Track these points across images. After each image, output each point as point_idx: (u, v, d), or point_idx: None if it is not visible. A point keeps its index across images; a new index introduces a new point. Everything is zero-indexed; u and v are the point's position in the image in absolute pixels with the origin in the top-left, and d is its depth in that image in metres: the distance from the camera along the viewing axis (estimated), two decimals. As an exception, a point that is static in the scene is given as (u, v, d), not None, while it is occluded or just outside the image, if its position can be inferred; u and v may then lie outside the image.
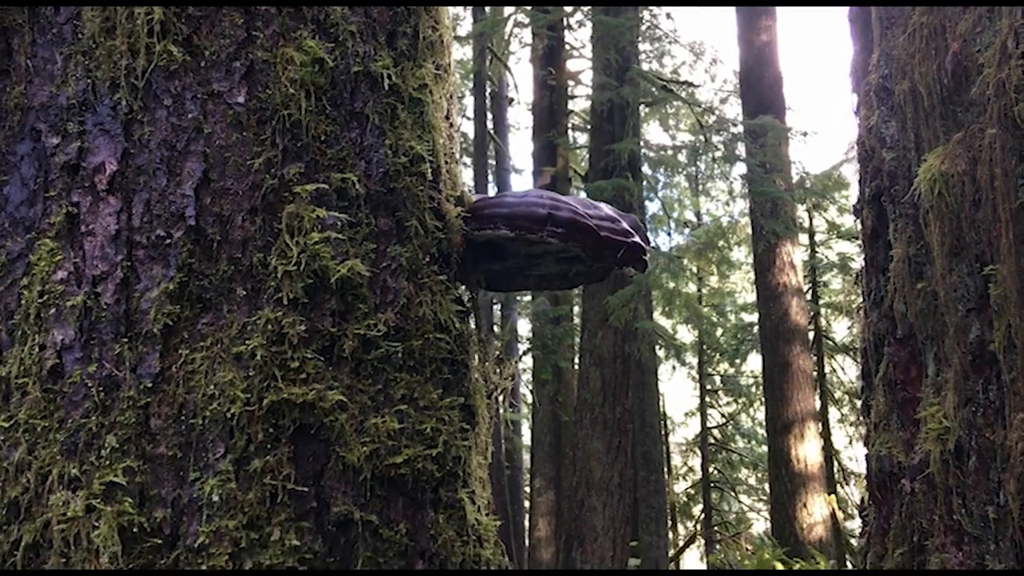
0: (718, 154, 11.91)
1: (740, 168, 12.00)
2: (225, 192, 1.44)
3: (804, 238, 14.80)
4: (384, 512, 1.42)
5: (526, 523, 13.80)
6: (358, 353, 1.46)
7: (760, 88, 13.16)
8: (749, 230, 13.73)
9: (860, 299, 2.69)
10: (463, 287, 1.78)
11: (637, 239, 1.86)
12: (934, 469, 2.17)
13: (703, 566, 13.77)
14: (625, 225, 1.87)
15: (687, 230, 14.49)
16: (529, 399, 14.48)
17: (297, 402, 1.38)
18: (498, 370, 1.79)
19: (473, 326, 1.76)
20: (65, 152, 1.40)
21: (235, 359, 1.38)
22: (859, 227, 2.72)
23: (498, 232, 1.74)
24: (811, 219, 15.18)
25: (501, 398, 1.79)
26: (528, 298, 14.47)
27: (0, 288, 1.35)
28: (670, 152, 12.60)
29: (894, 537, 2.28)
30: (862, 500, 2.65)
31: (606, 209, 1.89)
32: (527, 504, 14.18)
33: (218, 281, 1.41)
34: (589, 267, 1.98)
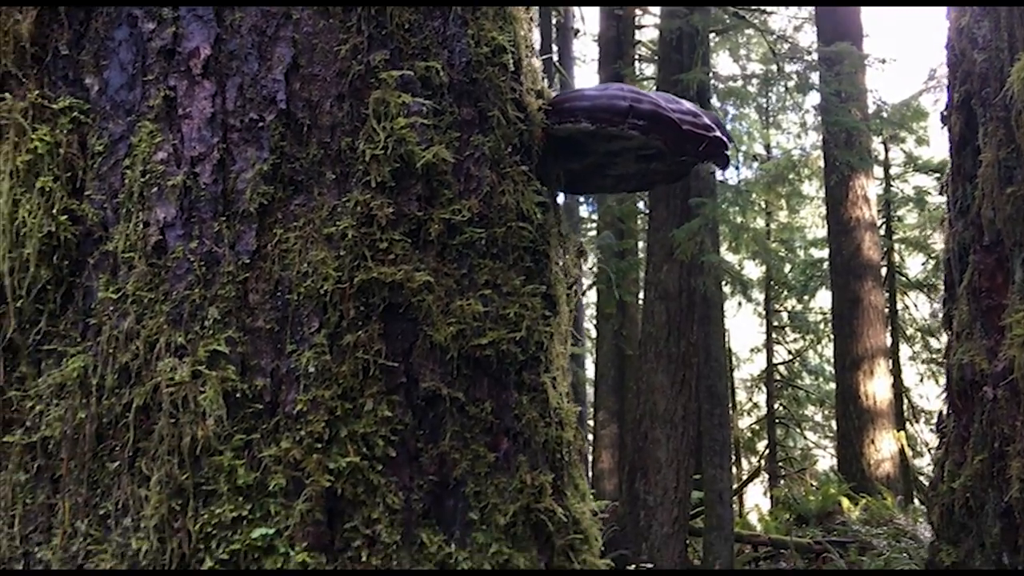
0: (791, 84, 11.55)
1: (813, 98, 11.64)
2: (313, 77, 1.47)
3: (879, 171, 14.36)
4: (470, 391, 1.46)
5: (589, 455, 13.96)
6: (443, 238, 1.49)
7: (836, 14, 12.68)
8: (821, 163, 13.38)
9: (945, 210, 2.63)
10: (543, 184, 1.79)
11: (719, 133, 1.84)
12: (1018, 375, 2.13)
13: (766, 500, 13.81)
14: (707, 120, 1.84)
15: (756, 163, 14.17)
16: (593, 333, 14.52)
17: (386, 281, 1.42)
18: (578, 263, 1.80)
19: (553, 220, 1.77)
20: (161, 37, 1.44)
21: (326, 239, 1.42)
22: (947, 135, 2.64)
23: (579, 125, 1.74)
24: (887, 151, 14.69)
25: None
26: (593, 232, 14.40)
27: (104, 168, 1.41)
28: (740, 83, 12.27)
29: (974, 444, 2.26)
30: (940, 413, 2.63)
31: (687, 104, 1.86)
32: (590, 437, 14.33)
33: (308, 164, 1.44)
34: (668, 166, 1.97)
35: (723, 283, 12.81)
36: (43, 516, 1.28)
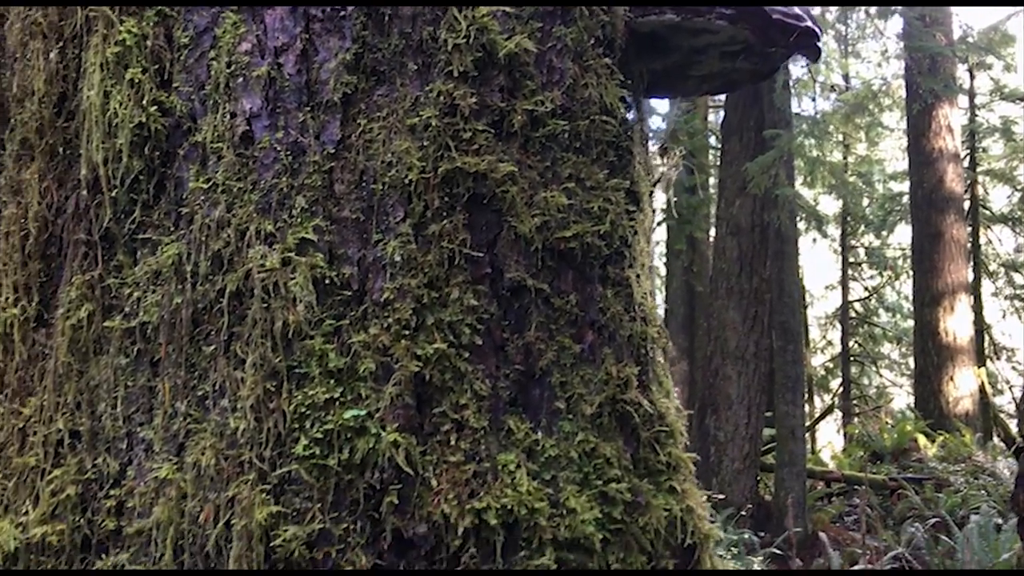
0: (872, 10, 11.07)
1: (895, 25, 11.13)
2: (394, -35, 1.44)
3: (963, 100, 13.73)
4: (554, 283, 1.45)
5: (658, 393, 13.89)
6: (526, 129, 1.47)
7: (921, -67, 12.02)
8: (902, 92, 12.84)
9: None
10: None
11: (810, 23, 1.76)
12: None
13: (840, 438, 13.64)
14: (797, 10, 1.77)
15: (834, 94, 13.68)
16: (662, 271, 14.38)
17: (470, 171, 1.40)
18: (663, 160, 1.76)
19: (636, 116, 1.73)
20: (242, -73, 1.43)
21: (410, 130, 1.41)
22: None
23: (663, 17, 1.68)
24: (972, 79, 14.01)
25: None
26: (662, 168, 14.10)
27: (190, 60, 1.42)
28: (818, 10, 11.80)
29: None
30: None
31: (776, -6, 1.79)
32: (659, 375, 14.23)
33: (391, 55, 1.43)
34: (754, 63, 1.90)
35: (797, 218, 12.52)
36: (144, 398, 1.32)
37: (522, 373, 1.40)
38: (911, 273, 12.32)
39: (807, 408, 12.79)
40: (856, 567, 6.41)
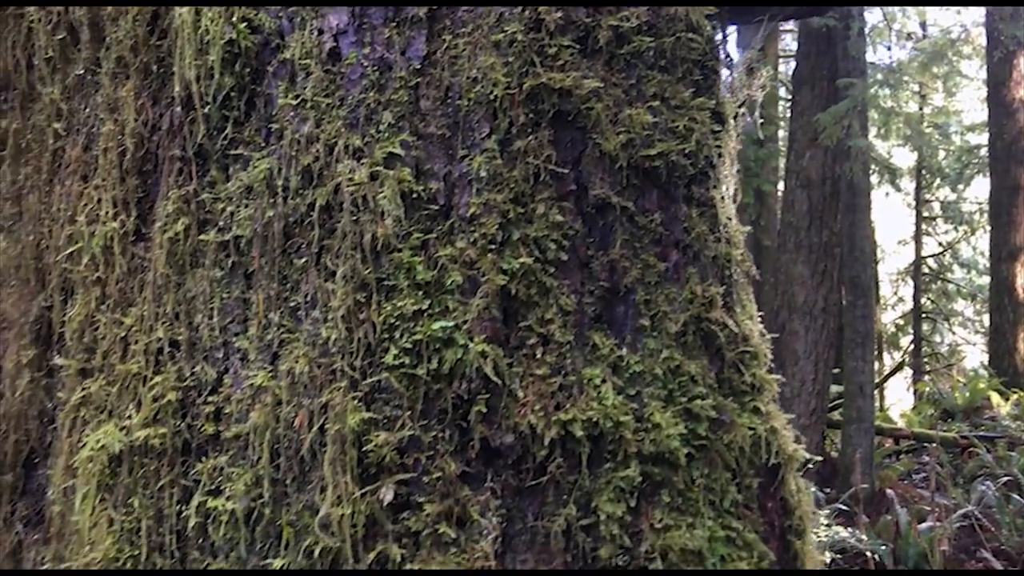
0: (953, -49, 10.61)
1: (978, -33, 10.62)
2: None
3: (1049, 48, 13.09)
4: (639, 201, 1.44)
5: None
6: (611, 46, 1.45)
7: None
8: (982, 40, 12.32)
9: None
10: None
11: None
12: None
13: (910, 396, 13.37)
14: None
15: (910, 42, 13.20)
16: (728, 226, 14.15)
17: (555, 87, 1.39)
18: (749, 81, 1.73)
19: (722, 36, 1.69)
20: None
21: (495, 45, 1.40)
22: None
23: (750, -67, 1.64)
24: (1059, 25, 13.34)
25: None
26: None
27: (279, -22, 1.43)
28: (895, -47, 11.34)
29: None
30: None
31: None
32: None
33: (475, -30, 1.42)
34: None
35: (870, 171, 12.19)
36: (238, 309, 1.35)
37: (607, 290, 1.39)
38: (988, 228, 11.92)
39: (876, 365, 12.56)
40: (924, 524, 6.31)
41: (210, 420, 1.33)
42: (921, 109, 14.92)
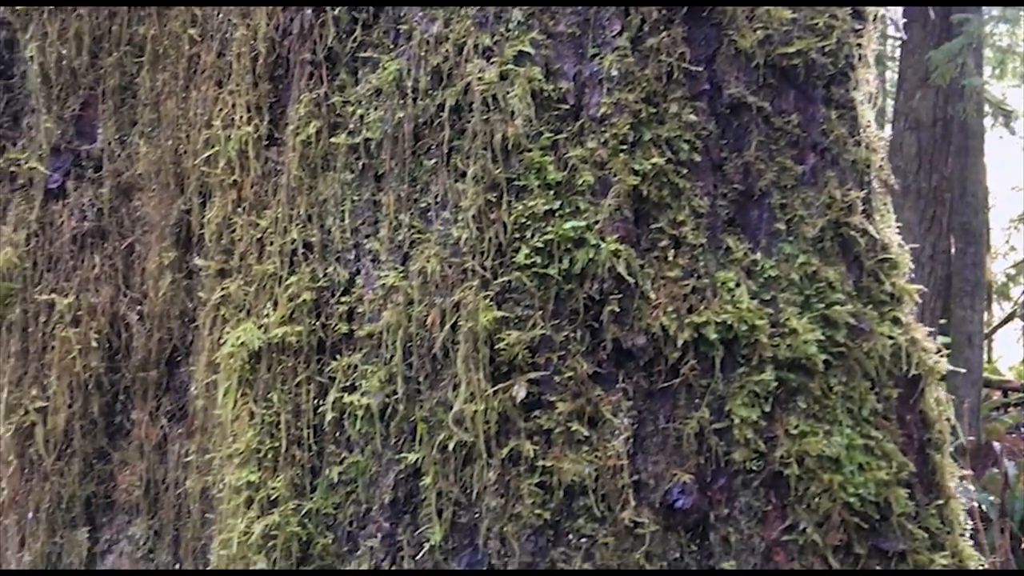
0: None
1: None
2: None
3: None
4: (776, 101, 1.38)
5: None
6: (747, -61, 1.38)
7: None
8: (1117, -31, 11.41)
9: None
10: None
11: None
12: None
13: (1020, 348, 12.79)
14: None
15: (1033, -26, 12.36)
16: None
17: (689, -18, 1.34)
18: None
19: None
20: None
21: (626, -60, 1.35)
22: None
23: None
24: None
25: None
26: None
27: None
28: None
29: None
30: None
31: None
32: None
33: None
34: None
35: (983, 112, 11.59)
36: (369, 211, 1.36)
37: (741, 193, 1.35)
38: (1115, 172, 11.19)
39: (985, 315, 12.03)
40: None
41: (343, 320, 1.35)
42: (1043, 46, 13.99)
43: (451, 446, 1.25)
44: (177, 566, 1.40)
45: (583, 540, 1.22)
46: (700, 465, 1.26)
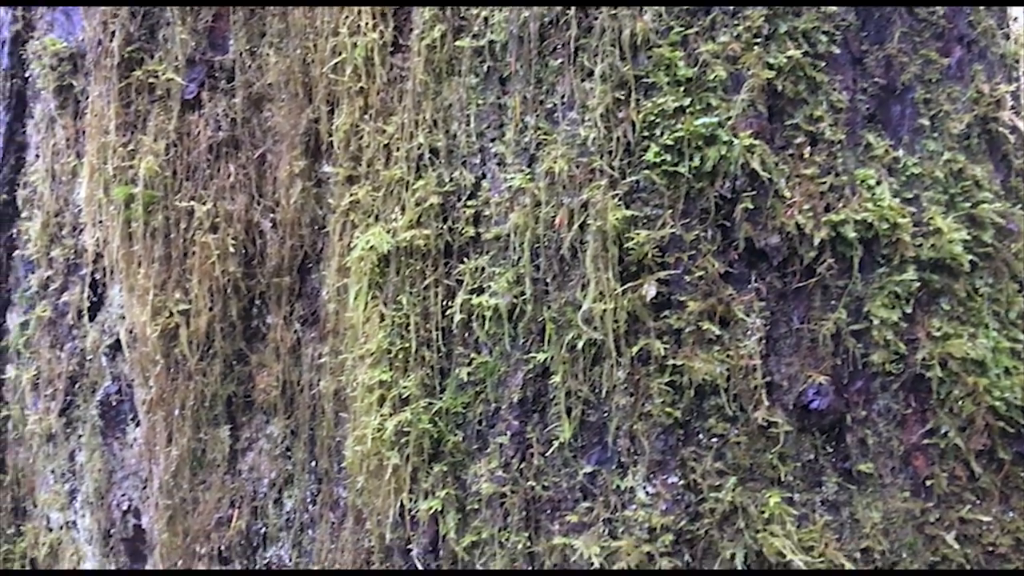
0: None
1: None
2: None
3: None
4: (920, -10, 1.30)
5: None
6: None
7: None
8: None
9: None
10: None
11: None
12: None
13: None
14: None
15: None
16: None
17: None
18: None
19: None
20: None
21: None
22: None
23: None
24: None
25: None
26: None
27: None
28: None
29: None
30: None
31: None
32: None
33: None
34: None
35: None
36: (494, 114, 1.36)
37: (882, 87, 1.29)
38: None
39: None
40: None
41: (470, 223, 1.36)
42: None
43: (580, 345, 1.25)
44: (313, 464, 1.46)
45: (714, 440, 1.22)
46: (836, 367, 1.23)
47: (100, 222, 1.51)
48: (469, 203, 1.36)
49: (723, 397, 1.21)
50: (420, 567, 1.34)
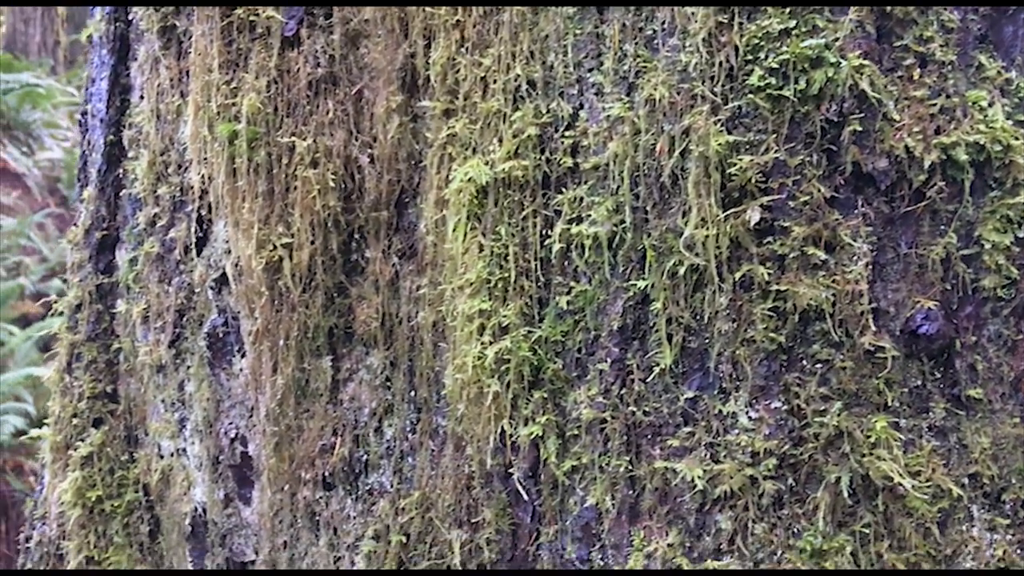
0: None
1: None
2: None
3: None
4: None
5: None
6: None
7: None
8: None
9: None
10: None
11: None
12: None
13: None
14: None
15: None
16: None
17: None
18: None
19: None
20: None
21: None
22: None
23: None
24: None
25: None
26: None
27: None
28: None
29: None
30: None
31: None
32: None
33: None
34: None
35: None
36: (592, 44, 1.35)
37: (993, 8, 1.25)
38: None
39: None
40: None
41: (568, 153, 1.36)
42: None
43: (681, 272, 1.26)
44: (412, 394, 1.49)
45: (818, 365, 1.21)
46: (945, 292, 1.21)
47: (205, 159, 1.56)
48: (567, 134, 1.36)
49: (828, 322, 1.21)
50: (521, 491, 1.37)
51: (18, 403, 6.64)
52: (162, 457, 1.75)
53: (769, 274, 1.22)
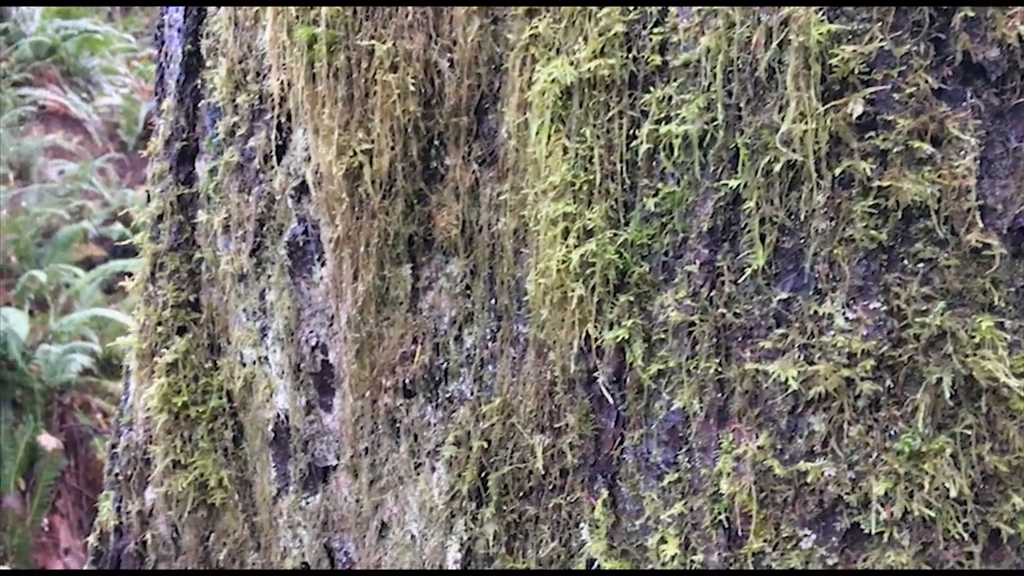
0: None
1: None
2: None
3: None
4: None
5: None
6: None
7: None
8: None
9: None
10: None
11: None
12: None
13: None
14: None
15: None
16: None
17: None
18: None
19: None
20: None
21: None
22: None
23: None
24: None
25: None
26: None
27: None
28: None
29: None
30: None
31: None
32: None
33: None
34: None
35: None
36: (683, -66, 1.30)
37: None
38: None
39: None
40: None
41: (656, 51, 1.32)
42: None
43: (776, 169, 1.22)
44: (492, 301, 1.49)
45: (920, 264, 1.17)
46: (1059, 189, 1.15)
47: (284, 65, 1.54)
48: (655, 31, 1.32)
49: (933, 219, 1.16)
50: (606, 395, 1.36)
51: (84, 342, 6.85)
52: (244, 365, 1.78)
53: (871, 170, 1.18)
